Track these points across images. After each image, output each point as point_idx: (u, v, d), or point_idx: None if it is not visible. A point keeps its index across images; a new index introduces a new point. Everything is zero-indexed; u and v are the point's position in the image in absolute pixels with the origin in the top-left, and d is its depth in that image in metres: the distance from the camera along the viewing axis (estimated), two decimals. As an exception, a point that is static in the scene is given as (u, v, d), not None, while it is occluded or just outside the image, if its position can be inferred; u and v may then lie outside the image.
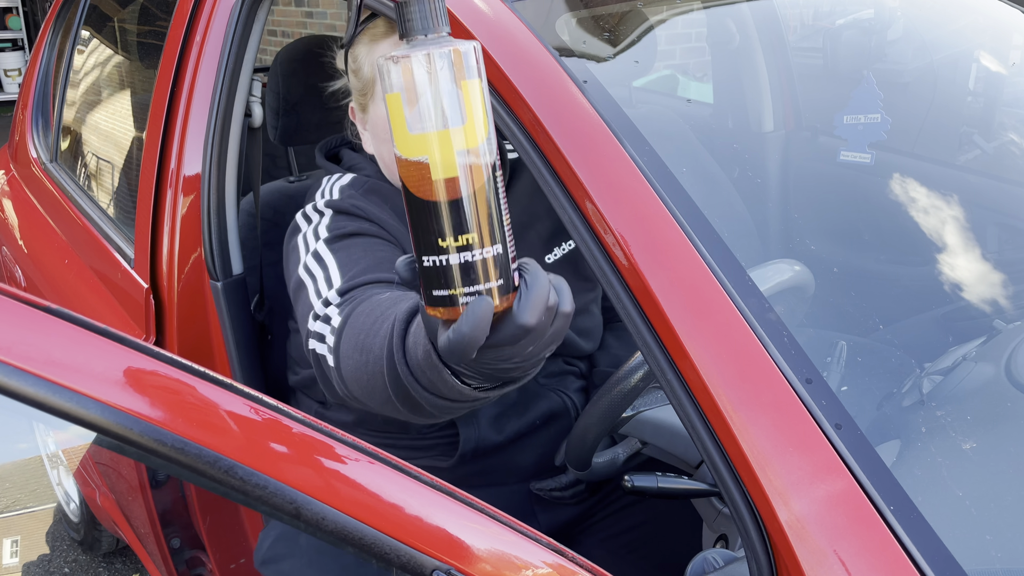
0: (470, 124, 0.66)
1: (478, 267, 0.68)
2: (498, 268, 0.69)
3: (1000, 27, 1.71)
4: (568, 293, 0.73)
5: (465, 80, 0.65)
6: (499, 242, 0.69)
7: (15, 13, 9.19)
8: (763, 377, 0.82)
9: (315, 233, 1.20)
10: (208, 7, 1.52)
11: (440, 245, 0.67)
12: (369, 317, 0.97)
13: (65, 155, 2.37)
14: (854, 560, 0.75)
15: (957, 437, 0.98)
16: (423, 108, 0.65)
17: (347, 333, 1.00)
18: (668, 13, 1.45)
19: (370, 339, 0.94)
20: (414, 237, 0.69)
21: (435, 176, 0.66)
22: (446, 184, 0.66)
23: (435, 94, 0.65)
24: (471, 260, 0.67)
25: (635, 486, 1.05)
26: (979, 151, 1.53)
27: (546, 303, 0.70)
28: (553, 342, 0.73)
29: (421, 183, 0.66)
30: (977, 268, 1.25)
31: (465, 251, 0.67)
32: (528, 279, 0.70)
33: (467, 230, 0.67)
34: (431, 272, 0.68)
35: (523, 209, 1.36)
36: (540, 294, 0.69)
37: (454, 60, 0.65)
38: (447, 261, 0.67)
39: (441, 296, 0.68)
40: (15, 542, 1.30)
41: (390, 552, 0.67)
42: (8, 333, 0.61)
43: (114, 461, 1.70)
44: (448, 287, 0.68)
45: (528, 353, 0.72)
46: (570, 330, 1.38)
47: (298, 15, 6.11)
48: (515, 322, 0.69)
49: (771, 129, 1.81)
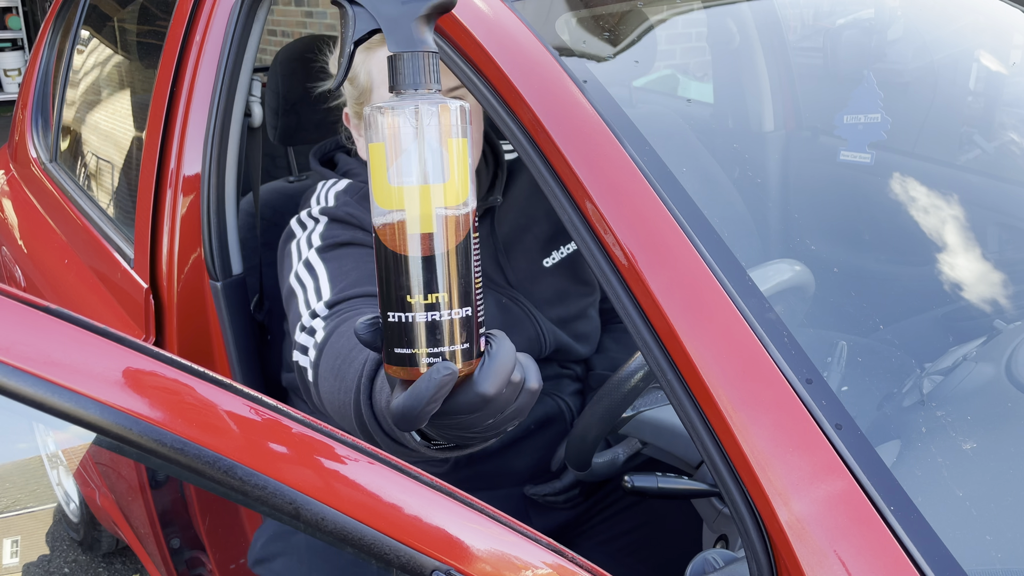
0: (451, 182, 0.65)
1: (444, 328, 0.66)
2: (464, 331, 0.67)
3: (1000, 27, 1.71)
4: (535, 370, 0.71)
5: (450, 138, 0.65)
6: (468, 305, 0.67)
7: (15, 13, 9.19)
8: (763, 377, 0.82)
9: (308, 241, 1.20)
10: (208, 7, 1.52)
11: (408, 301, 0.66)
12: (349, 341, 0.96)
13: (65, 155, 2.37)
14: (854, 560, 0.75)
15: (957, 437, 0.98)
16: (406, 161, 0.65)
17: (327, 353, 1.00)
18: (668, 13, 1.45)
19: (345, 366, 0.94)
20: (381, 291, 0.67)
21: (411, 230, 0.65)
22: (421, 239, 0.65)
23: (419, 149, 0.64)
24: (437, 320, 0.66)
25: (635, 486, 1.05)
26: (979, 151, 1.53)
27: (509, 374, 0.67)
28: (516, 417, 0.71)
29: (396, 236, 0.65)
30: (977, 268, 1.25)
31: (432, 310, 0.66)
32: (494, 347, 0.68)
33: (436, 289, 0.65)
34: (395, 329, 0.67)
35: (521, 211, 1.36)
36: (504, 364, 0.67)
37: (441, 117, 0.65)
38: (413, 319, 0.66)
39: (402, 355, 0.66)
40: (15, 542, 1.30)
41: (389, 552, 0.67)
42: (8, 333, 0.61)
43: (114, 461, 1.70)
44: (411, 346, 0.66)
45: (487, 425, 0.69)
46: (567, 335, 1.38)
47: (298, 15, 6.11)
48: (474, 389, 0.66)
49: (771, 129, 1.81)
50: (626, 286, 0.88)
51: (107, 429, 0.61)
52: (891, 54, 1.67)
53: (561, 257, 1.38)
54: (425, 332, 0.66)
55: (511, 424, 0.72)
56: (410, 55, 0.66)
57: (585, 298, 1.42)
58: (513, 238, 1.35)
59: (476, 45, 1.00)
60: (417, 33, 0.67)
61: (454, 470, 1.32)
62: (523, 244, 1.35)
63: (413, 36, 0.67)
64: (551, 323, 1.35)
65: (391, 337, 0.67)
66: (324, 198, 1.27)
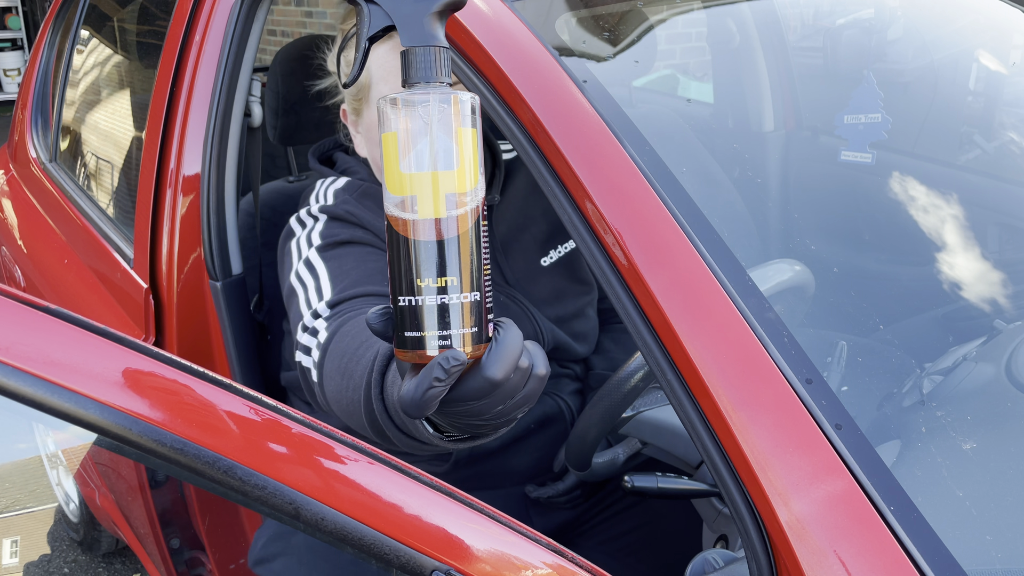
0: (461, 169, 0.67)
1: (454, 311, 0.68)
2: (473, 315, 0.68)
3: (1000, 27, 1.71)
4: (543, 357, 0.72)
5: (461, 127, 0.68)
6: (477, 290, 0.69)
7: (15, 13, 9.19)
8: (763, 377, 0.82)
9: (308, 240, 1.20)
10: (208, 7, 1.52)
11: (418, 285, 0.67)
12: (354, 341, 0.96)
13: (64, 155, 2.37)
14: (854, 560, 0.75)
15: (957, 437, 0.98)
16: (417, 148, 0.67)
17: (331, 352, 1.00)
18: (668, 13, 1.45)
19: (352, 364, 0.94)
20: (392, 275, 0.69)
21: (422, 215, 0.67)
22: (433, 224, 0.67)
23: (431, 136, 0.67)
24: (447, 303, 0.67)
25: (635, 486, 1.05)
26: (979, 151, 1.53)
27: (516, 359, 0.68)
28: (525, 404, 0.72)
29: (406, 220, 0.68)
30: (977, 268, 1.25)
31: (442, 293, 0.67)
32: (501, 332, 0.69)
33: (446, 272, 0.67)
34: (405, 312, 0.68)
35: (518, 211, 1.36)
36: (511, 349, 0.68)
37: (453, 107, 0.67)
38: (423, 302, 0.67)
39: (413, 338, 0.68)
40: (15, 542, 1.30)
41: (389, 552, 0.67)
42: (7, 333, 0.61)
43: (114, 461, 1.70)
44: (421, 329, 0.68)
45: (496, 412, 0.70)
46: (565, 334, 1.38)
47: (298, 15, 6.11)
48: (482, 374, 0.67)
49: (771, 129, 1.81)
50: (626, 286, 0.88)
51: (107, 429, 0.61)
52: (891, 54, 1.67)
53: (558, 256, 1.38)
54: (435, 315, 0.67)
55: (521, 411, 0.73)
56: (423, 49, 0.69)
57: (583, 297, 1.42)
58: (511, 237, 1.35)
59: (476, 45, 1.00)
60: (429, 29, 0.69)
61: (454, 470, 1.32)
62: (521, 243, 1.35)
63: (425, 32, 0.69)
64: (549, 322, 1.35)
65: (402, 321, 0.68)
66: (323, 196, 1.27)
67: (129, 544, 1.98)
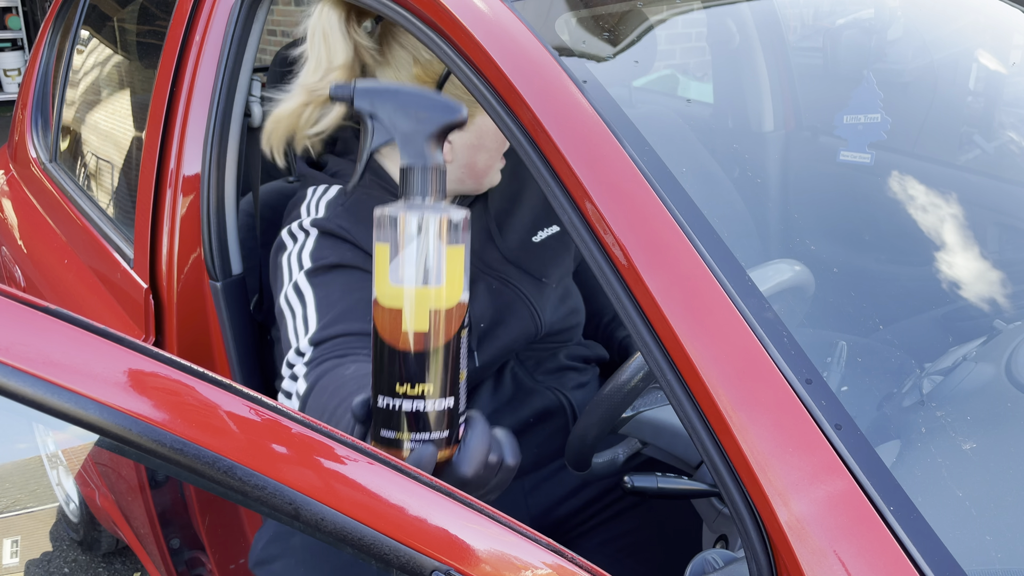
0: (447, 286, 0.72)
1: (428, 417, 0.72)
2: (446, 420, 0.73)
3: (1000, 27, 1.71)
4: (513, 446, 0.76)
5: (449, 245, 0.72)
6: (452, 395, 0.73)
7: (15, 13, 9.18)
8: (763, 377, 0.82)
9: (299, 259, 1.20)
10: (208, 7, 1.52)
11: (396, 390, 0.72)
12: (333, 399, 0.99)
13: (64, 155, 2.37)
14: (854, 560, 0.75)
15: (957, 437, 0.98)
16: (407, 263, 0.71)
17: (311, 407, 1.03)
18: (668, 13, 1.45)
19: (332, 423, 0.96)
20: (374, 374, 0.73)
21: (405, 327, 0.71)
22: (414, 336, 0.71)
23: (420, 253, 0.71)
24: (422, 410, 0.72)
25: (635, 486, 1.05)
26: (979, 151, 1.53)
27: (485, 458, 0.73)
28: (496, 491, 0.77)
29: (392, 330, 0.72)
30: (977, 268, 1.25)
31: (418, 400, 0.72)
32: (469, 432, 0.74)
33: (425, 380, 0.72)
34: (383, 413, 0.73)
35: (502, 195, 1.37)
36: (479, 449, 0.73)
37: (443, 225, 0.72)
38: (399, 406, 0.72)
39: (388, 438, 0.73)
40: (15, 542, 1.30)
41: (389, 553, 0.67)
42: (7, 334, 0.61)
43: (114, 461, 1.70)
44: (396, 429, 0.73)
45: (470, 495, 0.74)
46: (559, 312, 1.41)
47: (298, 15, 6.11)
48: (453, 473, 0.72)
49: (771, 129, 1.81)
50: (626, 286, 0.88)
51: (107, 430, 0.62)
52: (891, 54, 1.67)
53: (551, 232, 1.41)
54: (410, 420, 0.73)
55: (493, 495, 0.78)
56: (420, 168, 0.74)
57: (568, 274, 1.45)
58: (499, 221, 1.37)
59: (476, 45, 1.00)
60: (427, 149, 0.75)
61: None
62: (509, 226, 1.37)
63: (424, 151, 0.75)
64: (545, 308, 1.37)
65: (379, 419, 0.74)
66: (315, 207, 1.26)
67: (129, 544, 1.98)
